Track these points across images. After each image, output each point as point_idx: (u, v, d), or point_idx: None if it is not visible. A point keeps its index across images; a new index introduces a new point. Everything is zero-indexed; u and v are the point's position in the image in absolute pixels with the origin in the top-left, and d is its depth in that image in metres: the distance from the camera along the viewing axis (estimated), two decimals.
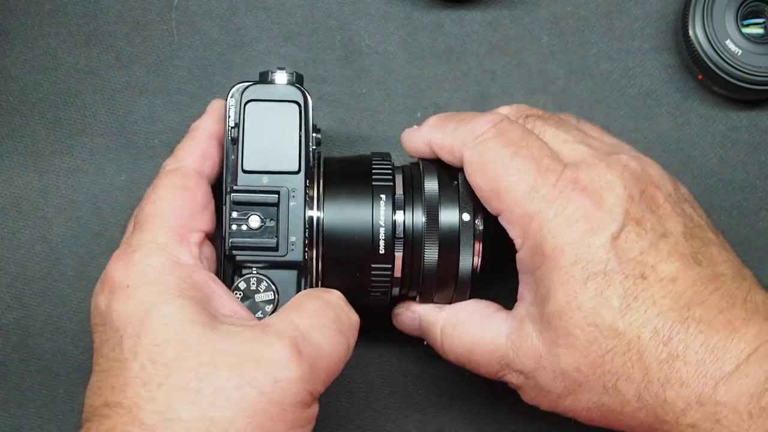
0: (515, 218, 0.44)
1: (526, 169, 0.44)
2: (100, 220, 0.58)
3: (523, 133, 0.45)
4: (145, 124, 0.59)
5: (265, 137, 0.46)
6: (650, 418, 0.42)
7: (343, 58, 0.59)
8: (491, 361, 0.46)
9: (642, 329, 0.41)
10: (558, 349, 0.43)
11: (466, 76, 0.59)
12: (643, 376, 0.41)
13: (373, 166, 0.48)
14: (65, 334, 0.57)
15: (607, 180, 0.43)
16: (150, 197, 0.46)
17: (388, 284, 0.48)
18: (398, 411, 0.56)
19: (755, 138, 0.58)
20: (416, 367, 0.57)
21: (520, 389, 0.46)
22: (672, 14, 0.59)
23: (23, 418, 0.56)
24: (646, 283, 0.42)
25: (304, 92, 0.47)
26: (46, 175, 0.58)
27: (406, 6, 0.59)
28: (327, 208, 0.47)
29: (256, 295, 0.45)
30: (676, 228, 0.44)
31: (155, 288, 0.42)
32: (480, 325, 0.47)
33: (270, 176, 0.46)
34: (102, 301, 0.43)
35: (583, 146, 0.46)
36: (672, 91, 0.59)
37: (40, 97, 0.59)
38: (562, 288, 0.42)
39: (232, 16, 0.59)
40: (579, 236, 0.42)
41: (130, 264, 0.43)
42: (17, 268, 0.57)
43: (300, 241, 0.45)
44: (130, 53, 0.59)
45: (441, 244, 0.47)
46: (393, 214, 0.47)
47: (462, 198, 0.47)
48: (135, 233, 0.45)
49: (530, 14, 0.59)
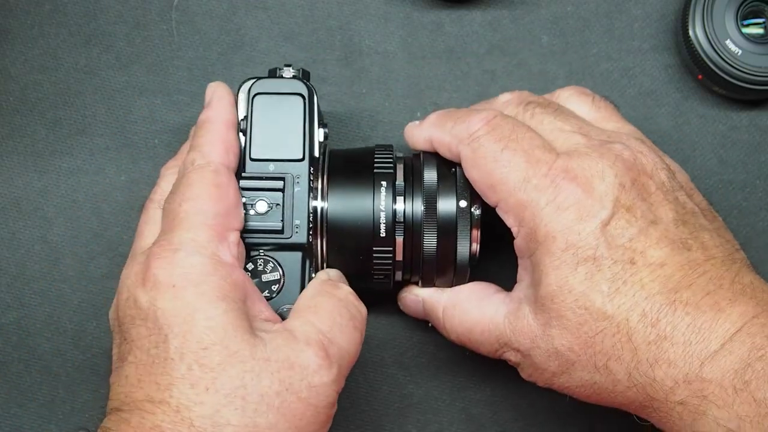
0: (510, 208, 0.46)
1: (517, 161, 0.46)
2: (100, 220, 0.58)
3: (513, 127, 0.47)
4: (145, 124, 0.59)
5: (271, 127, 0.49)
6: (641, 396, 0.43)
7: (343, 58, 0.59)
8: (490, 340, 0.48)
9: (630, 312, 0.43)
10: (551, 330, 0.45)
11: (466, 76, 0.59)
12: (633, 356, 0.43)
13: (376, 156, 0.50)
14: (65, 334, 0.57)
15: (599, 169, 0.45)
16: (185, 194, 0.46)
17: (390, 268, 0.49)
18: (398, 411, 0.56)
19: (755, 138, 0.58)
20: (416, 366, 0.57)
21: (519, 366, 0.48)
22: (672, 14, 0.59)
23: (23, 418, 0.56)
24: (634, 268, 0.43)
25: (310, 86, 0.49)
26: (46, 175, 0.58)
27: (406, 6, 0.59)
28: (331, 198, 0.49)
29: (263, 276, 0.48)
30: (667, 215, 0.45)
31: (200, 289, 0.43)
32: (479, 305, 0.49)
33: (276, 164, 0.48)
34: (143, 296, 0.43)
35: (578, 135, 0.47)
36: (672, 91, 0.59)
37: (40, 97, 0.59)
38: (554, 272, 0.44)
39: (232, 16, 0.59)
40: (569, 223, 0.44)
41: (174, 263, 0.44)
42: (17, 268, 0.57)
43: (304, 224, 0.48)
44: (130, 53, 0.59)
45: (439, 230, 0.49)
46: (393, 201, 0.49)
47: (459, 186, 0.49)
48: (175, 231, 0.45)
49: (530, 14, 0.59)
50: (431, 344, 0.57)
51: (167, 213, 0.46)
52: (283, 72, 0.50)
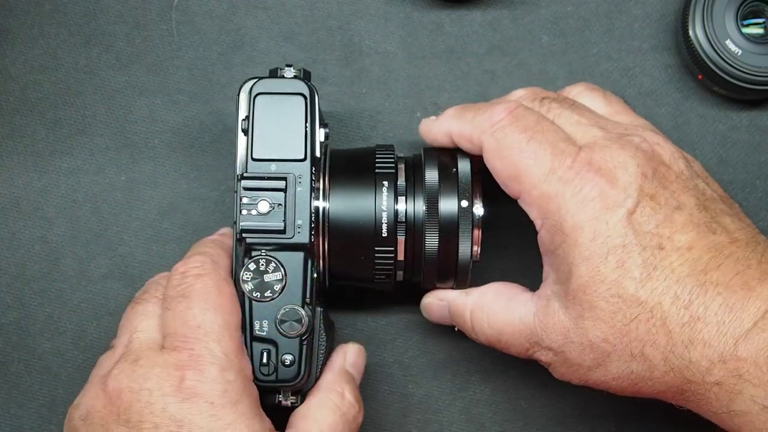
0: (534, 200, 0.46)
1: (543, 153, 0.46)
2: (100, 220, 0.58)
3: (538, 119, 0.47)
4: (145, 124, 0.59)
5: (273, 127, 0.48)
6: (678, 380, 0.44)
7: (343, 58, 0.59)
8: (520, 340, 0.48)
9: (663, 296, 0.43)
10: (584, 322, 0.45)
11: (466, 76, 0.59)
12: (668, 340, 0.43)
13: (377, 156, 0.50)
14: (65, 334, 0.57)
15: (621, 160, 0.45)
16: (208, 302, 0.46)
17: (391, 267, 0.50)
18: (398, 411, 0.56)
19: (755, 138, 0.58)
20: (416, 366, 0.57)
21: (551, 366, 0.48)
22: (672, 14, 0.59)
23: (23, 418, 0.56)
24: (663, 252, 0.44)
25: (311, 86, 0.49)
26: (46, 175, 0.58)
27: (406, 6, 0.59)
28: (333, 198, 0.49)
29: (265, 276, 0.47)
30: (689, 201, 0.45)
31: (238, 409, 0.44)
32: (507, 306, 0.49)
33: (278, 164, 0.48)
34: (176, 407, 0.43)
35: (596, 128, 0.47)
36: (672, 91, 0.59)
37: (40, 97, 0.59)
38: (584, 263, 0.44)
39: (232, 16, 0.59)
40: (596, 214, 0.44)
41: (212, 378, 0.44)
42: (17, 268, 0.57)
43: (306, 224, 0.48)
44: (130, 53, 0.59)
45: (441, 230, 0.49)
46: (395, 201, 0.49)
47: (461, 186, 0.49)
48: (205, 341, 0.45)
49: (530, 14, 0.59)
50: (431, 344, 0.57)
51: (185, 318, 0.45)
52: (284, 72, 0.50)
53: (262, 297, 0.47)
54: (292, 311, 0.47)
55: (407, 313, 0.57)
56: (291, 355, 0.47)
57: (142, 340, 0.46)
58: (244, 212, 0.47)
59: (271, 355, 0.47)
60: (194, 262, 0.48)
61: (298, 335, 0.47)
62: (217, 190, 0.58)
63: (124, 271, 0.57)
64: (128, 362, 0.45)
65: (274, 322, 0.47)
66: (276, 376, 0.47)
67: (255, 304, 0.47)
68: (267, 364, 0.47)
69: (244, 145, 0.49)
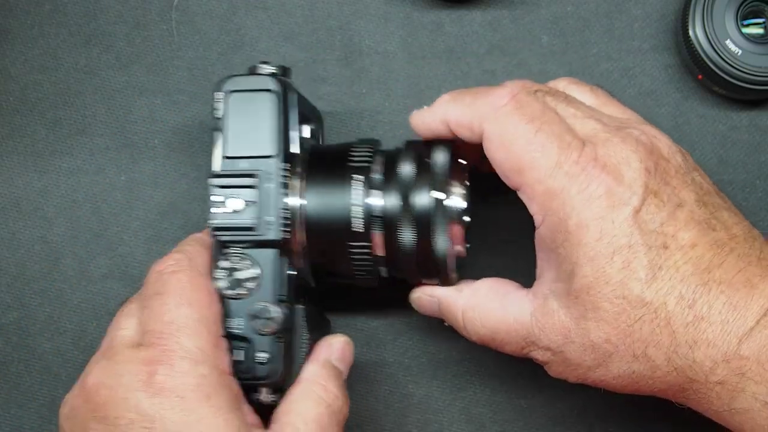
0: (537, 194, 0.45)
1: (550, 146, 0.44)
2: (100, 220, 0.58)
3: (543, 107, 0.46)
4: (145, 124, 0.59)
5: (245, 125, 0.48)
6: (680, 379, 0.43)
7: (343, 58, 0.59)
8: (516, 340, 0.47)
9: (668, 296, 0.43)
10: (587, 323, 0.44)
11: (466, 76, 0.59)
12: (671, 340, 0.43)
13: (351, 150, 0.50)
14: (65, 334, 0.57)
15: (624, 155, 0.44)
16: (182, 297, 0.45)
17: (370, 264, 0.49)
18: (398, 411, 0.56)
19: (755, 138, 0.58)
20: (416, 366, 0.57)
21: (547, 365, 0.47)
22: (672, 14, 0.59)
23: (23, 418, 0.56)
24: (668, 252, 0.43)
25: (285, 83, 0.49)
26: (46, 175, 0.58)
27: (406, 6, 0.59)
28: (309, 194, 0.49)
29: (238, 273, 0.47)
30: (689, 196, 0.45)
31: (212, 403, 0.43)
32: (501, 304, 0.47)
33: (249, 161, 0.48)
34: (147, 402, 0.43)
35: (593, 121, 0.46)
36: (672, 91, 0.59)
37: (40, 97, 0.59)
38: (589, 263, 0.43)
39: (232, 16, 0.59)
40: (602, 212, 0.43)
41: (183, 373, 0.43)
42: (17, 268, 0.57)
43: (276, 220, 0.47)
44: (130, 53, 0.59)
45: (415, 224, 0.47)
46: (367, 195, 0.48)
47: (436, 177, 0.47)
48: (176, 336, 0.44)
49: (530, 14, 0.59)
50: (431, 344, 0.57)
51: (159, 313, 0.45)
52: (260, 69, 0.50)
53: (235, 294, 0.47)
54: (264, 309, 0.46)
55: (407, 313, 0.57)
56: (265, 353, 0.47)
57: (121, 337, 0.46)
58: (216, 210, 0.47)
59: (247, 352, 0.47)
60: (170, 260, 0.47)
61: (272, 332, 0.47)
62: None
63: (124, 271, 0.57)
64: (106, 359, 0.45)
65: (248, 320, 0.47)
66: (252, 374, 0.47)
67: (230, 301, 0.47)
68: (243, 361, 0.47)
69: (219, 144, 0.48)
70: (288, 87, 0.49)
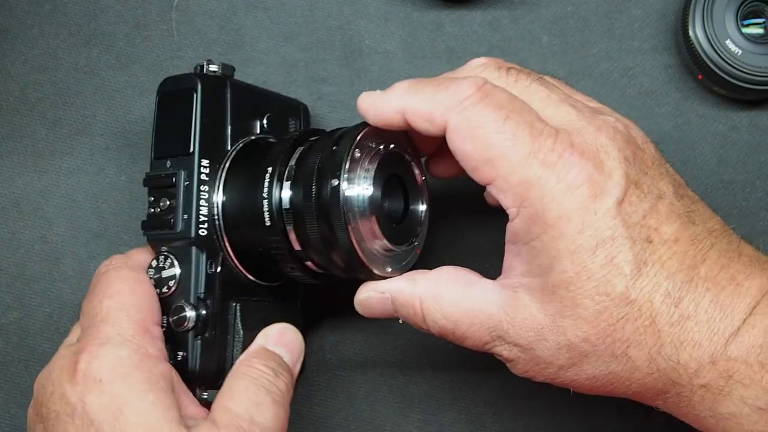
0: (511, 186, 0.41)
1: (521, 134, 0.41)
2: (100, 220, 0.58)
3: (510, 96, 0.43)
4: (145, 124, 0.59)
5: (170, 125, 0.49)
6: (661, 381, 0.41)
7: (343, 58, 0.59)
8: (480, 333, 0.44)
9: (653, 293, 0.40)
10: (564, 320, 0.41)
11: None
12: (655, 340, 0.41)
13: (275, 142, 0.49)
14: (65, 334, 0.57)
15: (601, 143, 0.42)
16: (105, 291, 0.46)
17: (292, 259, 0.47)
18: (398, 411, 0.56)
19: (755, 138, 0.58)
20: (416, 366, 0.57)
21: (512, 362, 0.44)
22: (672, 14, 0.59)
23: (23, 418, 0.56)
24: (652, 246, 0.41)
25: (220, 79, 0.49)
26: (46, 175, 0.58)
27: (406, 6, 0.59)
28: (227, 190, 0.48)
29: (163, 272, 0.48)
30: (668, 188, 0.43)
31: (128, 381, 0.43)
32: (464, 294, 0.44)
33: (171, 160, 0.49)
34: (71, 391, 0.43)
35: (567, 105, 0.44)
36: (672, 91, 0.59)
37: (40, 97, 0.59)
38: (569, 258, 0.41)
39: (232, 16, 0.59)
40: (584, 202, 0.41)
41: (101, 356, 0.43)
42: (17, 268, 0.57)
43: (192, 217, 0.48)
44: (130, 53, 0.59)
45: (317, 215, 0.45)
46: (277, 188, 0.47)
47: (337, 165, 0.44)
48: (99, 327, 0.45)
49: (530, 14, 0.59)
50: (431, 344, 0.57)
51: (87, 311, 0.46)
52: (206, 68, 0.50)
53: (160, 292, 0.47)
54: (178, 307, 0.47)
55: None
56: (182, 351, 0.47)
57: (65, 344, 0.47)
58: (150, 210, 0.48)
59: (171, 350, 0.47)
60: (104, 263, 0.48)
61: (186, 330, 0.47)
62: None
63: None
64: (46, 365, 0.46)
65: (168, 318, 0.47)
66: (180, 372, 0.47)
67: (161, 300, 0.47)
68: (171, 359, 0.47)
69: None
70: (221, 84, 0.49)
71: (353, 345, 0.57)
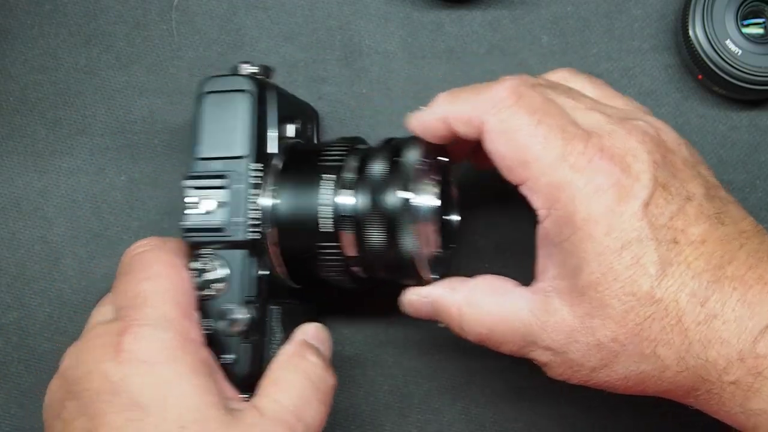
0: (541, 187, 0.43)
1: (554, 137, 0.43)
2: (100, 220, 0.58)
3: (544, 99, 0.45)
4: (145, 124, 0.59)
5: (218, 126, 0.48)
6: (691, 379, 0.42)
7: (343, 58, 0.59)
8: (514, 338, 0.45)
9: (679, 293, 0.41)
10: (593, 321, 0.43)
11: (466, 76, 0.59)
12: (683, 339, 0.41)
13: (326, 149, 0.49)
14: (65, 334, 0.57)
15: (630, 146, 0.43)
16: (145, 273, 0.46)
17: (341, 265, 0.48)
18: (398, 411, 0.56)
19: (755, 138, 0.58)
20: (416, 366, 0.57)
21: (547, 366, 0.46)
22: (672, 14, 0.59)
23: (23, 418, 0.56)
24: (678, 247, 0.42)
25: (264, 83, 0.49)
26: (46, 175, 0.58)
27: (406, 6, 0.59)
28: (280, 195, 0.48)
29: (208, 274, 0.47)
30: (698, 190, 0.44)
31: (174, 366, 0.43)
32: (499, 301, 0.46)
33: (222, 162, 0.48)
34: (113, 370, 0.43)
35: (596, 113, 0.45)
36: (672, 91, 0.59)
37: (40, 97, 0.59)
38: (596, 259, 0.42)
39: (232, 16, 0.59)
40: (610, 205, 0.42)
41: (146, 338, 0.43)
42: (17, 268, 0.57)
43: (245, 221, 0.47)
44: (130, 53, 0.59)
45: (383, 223, 0.46)
46: (337, 194, 0.47)
47: (404, 175, 0.46)
48: (141, 308, 0.44)
49: (530, 14, 0.59)
50: (431, 344, 0.57)
51: (125, 291, 0.45)
52: (241, 69, 0.50)
53: (204, 295, 0.47)
54: (228, 310, 0.47)
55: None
56: (231, 355, 0.47)
57: (94, 323, 0.46)
58: (188, 211, 0.48)
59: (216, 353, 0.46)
60: (139, 242, 0.47)
61: (236, 334, 0.47)
62: None
63: None
64: (79, 342, 0.45)
65: (215, 321, 0.47)
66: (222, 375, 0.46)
67: (202, 302, 0.47)
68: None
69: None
70: (267, 87, 0.49)
71: (353, 345, 0.57)
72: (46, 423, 0.45)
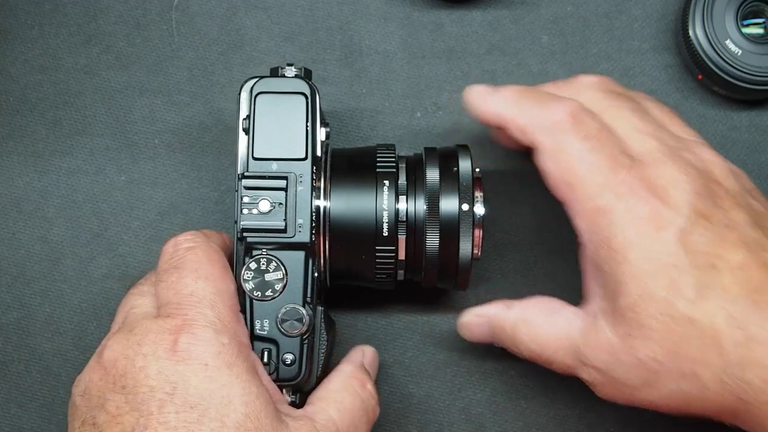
0: (585, 211, 0.45)
1: (602, 165, 0.45)
2: (100, 220, 0.58)
3: (599, 127, 0.46)
4: (145, 124, 0.59)
5: (274, 126, 0.48)
6: (731, 400, 0.43)
7: (343, 58, 0.59)
8: (564, 357, 0.47)
9: (716, 316, 0.42)
10: (633, 341, 0.44)
11: (466, 76, 0.59)
12: (721, 360, 0.42)
13: (378, 156, 0.50)
14: (65, 334, 0.57)
15: (674, 177, 0.45)
16: (199, 272, 0.46)
17: (392, 267, 0.50)
18: (398, 411, 0.56)
19: (755, 138, 0.58)
20: (416, 366, 0.57)
21: (594, 385, 0.47)
22: (672, 14, 0.59)
23: (23, 418, 0.56)
24: (715, 272, 0.43)
25: (312, 86, 0.49)
26: (46, 175, 0.58)
27: (406, 6, 0.59)
28: (334, 197, 0.49)
29: (267, 275, 0.47)
30: (741, 218, 0.45)
31: (233, 371, 0.43)
32: (550, 320, 0.48)
33: (279, 163, 0.48)
34: (171, 369, 0.43)
35: (652, 139, 0.46)
36: (672, 91, 0.59)
37: (40, 97, 0.59)
38: (632, 281, 0.44)
39: (232, 16, 0.59)
40: (647, 232, 0.44)
41: (204, 341, 0.43)
42: (17, 268, 0.57)
43: (307, 223, 0.48)
44: (130, 53, 0.59)
45: (441, 229, 0.49)
46: (396, 200, 0.49)
47: (462, 185, 0.49)
48: (197, 307, 0.44)
49: (530, 14, 0.59)
50: (431, 344, 0.57)
51: (178, 288, 0.45)
52: (285, 71, 0.50)
53: (263, 296, 0.47)
54: (293, 310, 0.47)
55: (407, 313, 0.57)
56: (292, 354, 0.47)
57: (137, 313, 0.46)
58: (245, 211, 0.47)
59: (272, 354, 0.47)
60: (185, 236, 0.47)
61: (299, 334, 0.47)
62: (217, 190, 0.58)
63: (124, 271, 0.57)
64: (123, 333, 0.45)
65: (275, 321, 0.47)
66: (277, 375, 0.47)
67: (256, 303, 0.47)
68: (268, 363, 0.47)
69: (245, 145, 0.48)
70: (315, 90, 0.49)
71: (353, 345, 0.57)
72: (80, 410, 0.44)
